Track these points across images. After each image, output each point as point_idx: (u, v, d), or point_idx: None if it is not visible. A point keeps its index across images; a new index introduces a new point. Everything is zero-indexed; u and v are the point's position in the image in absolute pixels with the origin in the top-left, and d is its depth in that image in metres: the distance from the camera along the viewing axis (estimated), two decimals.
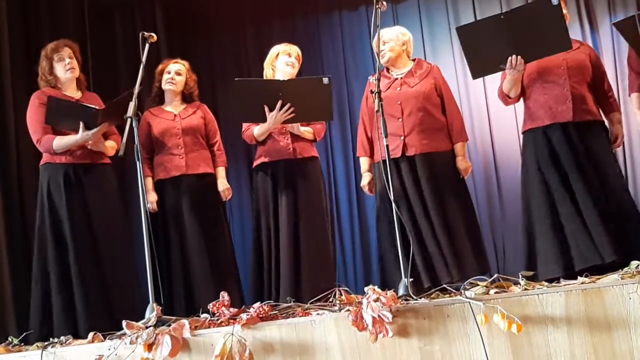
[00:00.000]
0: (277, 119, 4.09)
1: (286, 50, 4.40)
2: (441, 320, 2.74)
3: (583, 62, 4.02)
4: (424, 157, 4.09)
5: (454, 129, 4.17)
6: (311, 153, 4.36)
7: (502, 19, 3.71)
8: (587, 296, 2.61)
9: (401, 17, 5.97)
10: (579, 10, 5.66)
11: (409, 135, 4.08)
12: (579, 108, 3.94)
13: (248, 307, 3.02)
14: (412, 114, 4.10)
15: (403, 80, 4.18)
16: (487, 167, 5.86)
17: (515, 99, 4.18)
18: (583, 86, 4.00)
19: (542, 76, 4.02)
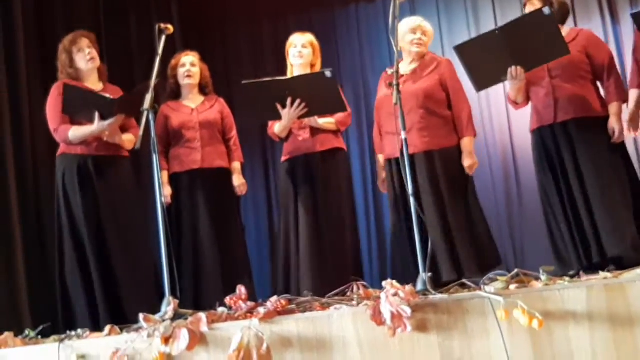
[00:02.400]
0: (291, 116, 4.07)
1: (292, 42, 4.37)
2: (460, 315, 2.69)
3: (573, 58, 3.91)
4: (424, 156, 4.05)
5: (459, 124, 4.11)
6: (334, 144, 4.30)
7: (497, 33, 3.72)
8: (609, 292, 2.56)
9: (419, 10, 5.93)
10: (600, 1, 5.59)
11: (408, 134, 4.00)
12: (565, 107, 3.91)
13: (265, 301, 3.00)
14: (411, 111, 4.03)
15: (408, 76, 4.13)
16: (506, 163, 5.82)
17: (523, 104, 4.19)
18: (576, 82, 3.94)
19: (531, 80, 4.04)
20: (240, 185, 4.45)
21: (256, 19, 6.26)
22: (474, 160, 4.09)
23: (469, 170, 4.09)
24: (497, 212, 5.70)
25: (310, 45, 4.34)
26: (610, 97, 3.96)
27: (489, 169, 5.77)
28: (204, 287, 4.25)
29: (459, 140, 4.13)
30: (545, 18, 3.61)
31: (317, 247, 4.16)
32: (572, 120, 3.92)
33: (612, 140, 3.91)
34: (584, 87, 3.96)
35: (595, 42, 4.07)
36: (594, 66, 3.99)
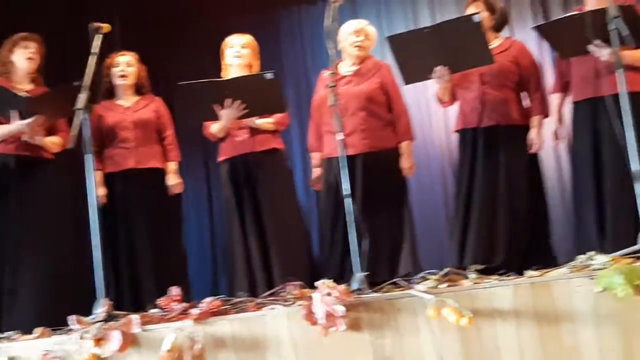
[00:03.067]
0: (229, 116, 4.07)
1: (229, 43, 4.36)
2: (392, 313, 2.74)
3: (504, 67, 4.04)
4: (364, 157, 4.10)
5: (399, 127, 4.19)
6: (272, 145, 4.30)
7: (428, 32, 3.80)
8: (535, 290, 2.63)
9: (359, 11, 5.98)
10: (534, 5, 5.73)
11: (350, 135, 4.05)
12: (490, 113, 4.02)
13: (199, 302, 2.99)
14: (354, 113, 4.10)
15: (350, 78, 4.18)
16: (443, 166, 5.91)
17: (449, 103, 4.28)
18: (503, 90, 4.05)
19: (461, 82, 4.14)
20: (175, 185, 4.41)
21: (198, 19, 6.20)
22: (411, 162, 4.19)
23: (407, 172, 4.16)
24: (435, 211, 5.78)
25: (249, 46, 4.34)
26: (534, 110, 4.10)
27: (427, 169, 5.85)
28: (142, 288, 4.21)
29: (397, 143, 4.18)
30: (473, 25, 3.70)
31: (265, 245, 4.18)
32: (495, 127, 4.03)
33: (530, 151, 4.05)
34: (510, 96, 4.08)
35: (526, 54, 4.19)
36: (522, 77, 4.11)
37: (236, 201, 4.24)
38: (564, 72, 4.05)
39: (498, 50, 4.08)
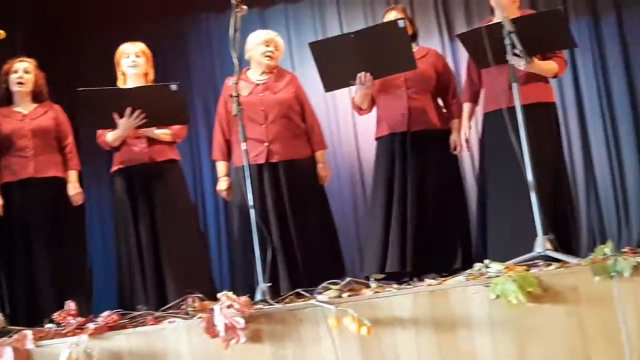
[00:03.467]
0: (127, 125, 3.99)
1: (124, 52, 4.29)
2: (294, 324, 2.74)
3: (424, 72, 4.15)
4: (287, 164, 4.12)
5: (314, 137, 4.24)
6: (169, 156, 4.25)
7: (352, 37, 3.81)
8: (433, 298, 2.68)
9: (268, 22, 5.98)
10: (439, 20, 5.87)
11: (272, 142, 4.08)
12: (417, 118, 4.11)
13: (96, 316, 2.91)
14: (275, 120, 4.12)
15: (266, 85, 4.18)
16: (352, 171, 5.97)
17: (367, 110, 4.32)
18: (425, 96, 4.16)
19: (385, 88, 4.19)
20: (75, 194, 4.28)
21: (106, 26, 6.05)
22: (328, 171, 4.29)
23: (324, 181, 4.24)
24: (344, 219, 5.82)
25: (143, 54, 4.27)
26: (453, 114, 4.23)
27: (336, 177, 5.88)
28: (41, 302, 4.06)
29: (312, 152, 4.22)
30: (399, 30, 3.74)
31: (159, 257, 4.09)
32: (423, 131, 4.11)
33: (454, 152, 4.18)
34: (430, 101, 4.19)
35: (443, 62, 4.37)
36: (439, 83, 4.24)
37: (132, 212, 4.15)
38: (474, 82, 4.17)
39: (417, 57, 4.14)
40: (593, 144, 5.64)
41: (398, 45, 3.80)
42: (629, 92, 5.57)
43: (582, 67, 5.67)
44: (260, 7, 6.03)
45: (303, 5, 6.09)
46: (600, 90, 5.63)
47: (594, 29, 5.67)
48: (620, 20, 5.63)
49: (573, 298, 2.58)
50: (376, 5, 5.93)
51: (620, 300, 2.54)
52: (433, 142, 4.15)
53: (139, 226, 4.13)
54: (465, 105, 4.21)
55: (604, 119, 5.62)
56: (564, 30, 3.67)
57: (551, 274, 2.64)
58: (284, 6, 6.10)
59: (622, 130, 5.57)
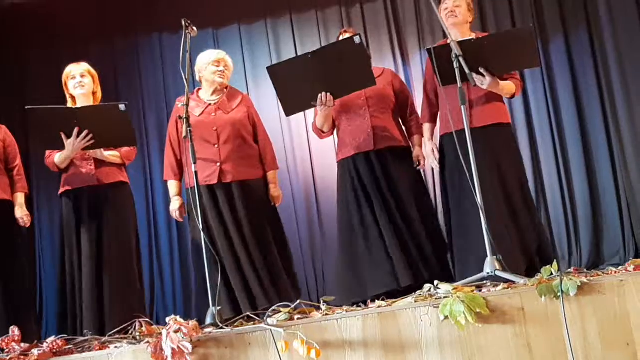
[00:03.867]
0: (75, 147, 3.93)
1: (69, 73, 4.25)
2: (243, 348, 2.71)
3: (383, 90, 4.17)
4: (240, 185, 4.09)
5: (266, 158, 4.21)
6: (118, 178, 4.20)
7: (310, 57, 3.76)
8: (382, 319, 2.68)
9: (222, 42, 5.99)
10: (392, 41, 5.93)
11: (225, 163, 4.06)
12: (381, 136, 4.09)
13: (42, 342, 2.84)
14: (228, 141, 4.08)
15: (217, 106, 4.16)
16: (308, 193, 5.97)
17: (329, 133, 4.31)
18: (386, 114, 4.16)
19: (346, 108, 4.18)
20: (22, 217, 4.18)
21: (55, 43, 5.98)
22: (280, 191, 4.24)
23: (276, 201, 4.21)
24: (299, 241, 5.82)
25: (88, 74, 4.23)
26: (413, 130, 4.25)
27: (291, 199, 5.89)
28: None
29: (264, 173, 4.21)
30: (356, 47, 3.71)
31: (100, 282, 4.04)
32: (386, 149, 4.09)
33: (417, 167, 4.18)
34: (392, 119, 4.19)
35: (399, 80, 4.38)
36: (398, 101, 4.24)
37: (77, 235, 4.09)
38: (432, 103, 4.19)
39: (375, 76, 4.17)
40: (543, 164, 5.75)
41: (356, 62, 3.77)
42: (577, 113, 5.70)
43: (532, 88, 5.78)
44: (214, 27, 6.04)
45: (257, 25, 6.10)
46: (549, 111, 5.75)
47: (542, 51, 5.78)
48: (568, 42, 5.76)
49: (520, 318, 2.60)
50: (329, 24, 5.98)
51: (566, 320, 2.57)
52: (398, 159, 4.14)
53: (83, 250, 4.05)
54: (426, 126, 4.24)
55: (553, 140, 5.73)
56: (531, 48, 3.68)
57: (498, 295, 2.66)
58: (238, 26, 6.09)
59: (571, 150, 5.69)
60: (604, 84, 5.58)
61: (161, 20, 6.00)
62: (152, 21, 6.06)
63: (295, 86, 3.82)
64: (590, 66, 5.68)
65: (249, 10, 6.08)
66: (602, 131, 5.63)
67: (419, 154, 4.19)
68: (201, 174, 3.99)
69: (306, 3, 6.06)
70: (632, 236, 5.42)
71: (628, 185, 5.44)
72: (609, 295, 2.59)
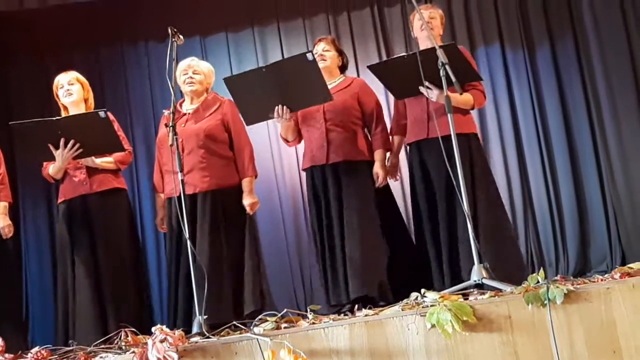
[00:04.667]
0: (64, 157, 3.90)
1: (58, 83, 4.21)
2: (229, 358, 2.70)
3: (345, 103, 4.14)
4: (205, 195, 4.00)
5: (240, 164, 4.10)
6: (113, 185, 4.15)
7: (264, 71, 3.79)
8: (369, 328, 2.68)
9: (209, 50, 5.98)
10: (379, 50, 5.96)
11: (189, 174, 3.96)
12: (335, 150, 4.09)
13: (26, 353, 2.82)
14: (192, 152, 4.02)
15: (189, 116, 4.12)
16: (295, 201, 5.95)
17: (294, 142, 4.35)
18: (346, 127, 4.14)
19: (305, 120, 4.21)
20: (4, 227, 4.13)
21: (38, 54, 5.94)
22: (254, 199, 4.07)
23: (249, 209, 4.07)
24: (287, 249, 5.81)
25: (76, 81, 4.20)
26: (376, 144, 4.19)
27: (279, 206, 5.88)
28: None
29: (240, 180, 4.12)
30: (308, 63, 3.72)
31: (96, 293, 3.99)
32: (341, 163, 4.09)
33: (376, 185, 4.13)
34: (354, 131, 4.16)
35: (367, 91, 4.28)
36: (364, 113, 4.22)
37: (71, 244, 4.05)
38: (402, 115, 4.21)
39: (340, 88, 4.18)
40: (531, 173, 5.77)
41: (309, 78, 3.78)
42: (564, 122, 5.74)
43: (519, 98, 5.81)
44: (201, 35, 6.02)
45: (244, 33, 6.09)
46: (536, 120, 5.78)
47: (529, 60, 5.82)
48: (554, 52, 5.80)
49: (507, 326, 2.61)
50: (316, 32, 5.96)
51: (553, 328, 2.57)
52: (354, 173, 4.11)
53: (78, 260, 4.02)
54: (395, 138, 4.27)
55: (540, 149, 5.76)
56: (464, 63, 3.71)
57: (485, 303, 2.66)
58: (225, 34, 6.08)
59: (558, 159, 5.72)
60: (591, 94, 5.62)
61: (147, 28, 5.97)
62: (138, 29, 6.02)
63: (253, 98, 3.86)
64: (576, 76, 5.72)
65: (236, 18, 6.06)
66: (588, 140, 5.67)
67: (377, 170, 4.14)
68: (170, 185, 3.99)
69: (293, 11, 6.06)
70: (619, 244, 5.45)
71: (614, 193, 5.47)
72: (595, 303, 2.60)
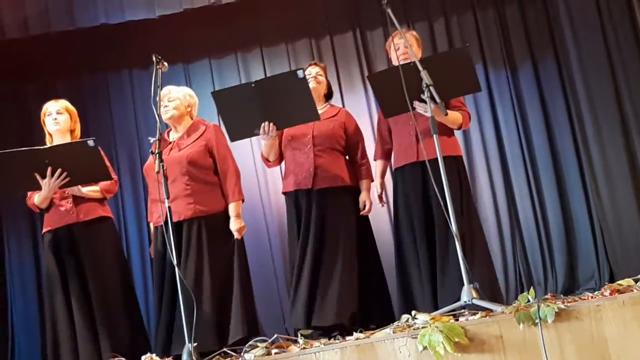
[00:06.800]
0: (50, 187, 3.86)
1: (46, 110, 4.18)
2: None
3: (332, 131, 4.18)
4: (190, 223, 3.96)
5: (225, 189, 4.07)
6: (99, 213, 4.12)
7: (253, 86, 3.76)
8: (361, 352, 2.67)
9: (193, 76, 5.98)
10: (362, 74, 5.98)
11: (174, 201, 3.91)
12: (321, 176, 4.10)
13: None
14: (175, 179, 3.98)
15: (174, 144, 4.10)
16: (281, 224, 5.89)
17: (275, 162, 4.32)
18: (332, 153, 4.16)
19: (292, 143, 4.21)
20: None
21: (21, 82, 5.92)
22: (241, 224, 4.03)
23: (237, 234, 4.03)
24: (274, 272, 5.78)
25: (65, 111, 4.17)
26: (363, 174, 4.24)
27: (265, 229, 5.85)
28: None
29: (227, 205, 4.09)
30: (298, 81, 3.70)
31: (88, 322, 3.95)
32: (327, 189, 4.10)
33: (361, 213, 4.14)
34: (339, 158, 4.19)
35: (353, 122, 4.34)
36: (348, 142, 4.25)
37: (60, 274, 4.00)
38: (386, 140, 4.24)
39: (328, 115, 4.21)
40: (516, 191, 5.78)
41: (298, 96, 3.76)
42: (548, 140, 5.76)
43: (503, 118, 5.84)
44: (185, 62, 6.03)
45: (227, 59, 6.10)
46: (521, 139, 5.80)
47: (512, 80, 5.86)
48: (537, 71, 5.84)
49: (499, 346, 2.60)
50: (299, 57, 6.00)
51: (545, 346, 2.56)
52: (338, 199, 4.12)
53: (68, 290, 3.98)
54: (378, 162, 4.30)
55: (525, 168, 5.78)
56: (469, 70, 3.65)
57: (477, 323, 2.65)
58: (208, 60, 6.09)
59: (543, 178, 5.74)
60: (574, 111, 5.66)
61: (131, 56, 5.96)
62: (121, 57, 6.01)
63: (239, 113, 3.82)
64: (559, 94, 5.76)
65: (219, 44, 6.07)
66: (573, 158, 5.70)
67: (365, 199, 4.17)
68: (156, 214, 3.98)
69: (276, 36, 6.08)
70: (606, 260, 5.46)
71: (600, 211, 5.49)
72: (586, 321, 2.60)
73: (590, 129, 5.51)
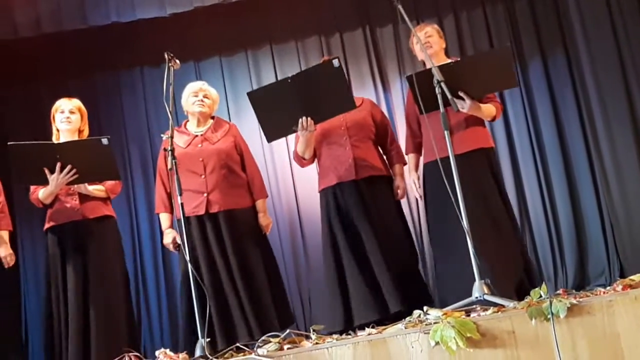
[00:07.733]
0: (58, 182, 3.90)
1: (58, 107, 4.22)
2: None
3: (363, 120, 4.20)
4: (227, 214, 4.06)
5: (254, 186, 4.18)
6: (103, 212, 4.16)
7: (289, 82, 3.75)
8: (373, 347, 2.68)
9: (204, 74, 6.01)
10: (372, 70, 5.99)
11: (212, 193, 4.04)
12: (362, 165, 4.11)
13: None
14: (214, 171, 4.07)
15: (204, 137, 4.16)
16: (292, 222, 5.96)
17: (310, 161, 4.30)
18: (367, 143, 4.18)
19: (326, 137, 4.20)
20: (6, 256, 4.12)
21: (33, 80, 5.97)
22: (269, 220, 4.20)
23: (265, 229, 4.17)
24: (285, 270, 5.79)
25: (78, 111, 4.21)
26: (394, 159, 4.27)
27: (276, 228, 5.87)
28: None
29: (253, 202, 4.18)
30: (335, 70, 3.69)
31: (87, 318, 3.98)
32: (370, 177, 4.11)
33: (397, 198, 4.18)
34: (373, 147, 4.21)
35: (378, 110, 4.40)
36: (378, 131, 4.26)
37: (62, 271, 4.04)
38: (415, 133, 4.23)
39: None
40: (526, 187, 5.78)
41: (335, 86, 3.75)
42: (558, 135, 5.76)
43: (512, 112, 5.84)
44: (195, 60, 6.06)
45: (238, 56, 6.13)
46: (530, 134, 5.80)
47: (521, 75, 5.85)
48: (546, 66, 5.84)
49: (511, 341, 2.61)
50: (309, 54, 6.02)
51: (557, 342, 2.58)
52: (378, 188, 4.15)
53: (69, 285, 4.01)
54: (410, 156, 4.29)
55: (535, 163, 5.78)
56: (508, 68, 3.69)
57: (489, 319, 2.67)
58: (219, 58, 6.12)
59: (553, 172, 5.74)
60: (584, 107, 5.65)
61: (142, 54, 6.01)
62: (133, 55, 6.06)
63: (276, 111, 3.81)
64: (569, 89, 5.76)
65: (229, 42, 6.11)
66: (583, 153, 5.69)
67: (399, 184, 4.21)
68: (189, 205, 3.99)
69: (286, 33, 6.10)
70: (617, 256, 5.46)
71: (610, 206, 5.49)
72: (598, 316, 2.61)
73: (600, 125, 5.50)
